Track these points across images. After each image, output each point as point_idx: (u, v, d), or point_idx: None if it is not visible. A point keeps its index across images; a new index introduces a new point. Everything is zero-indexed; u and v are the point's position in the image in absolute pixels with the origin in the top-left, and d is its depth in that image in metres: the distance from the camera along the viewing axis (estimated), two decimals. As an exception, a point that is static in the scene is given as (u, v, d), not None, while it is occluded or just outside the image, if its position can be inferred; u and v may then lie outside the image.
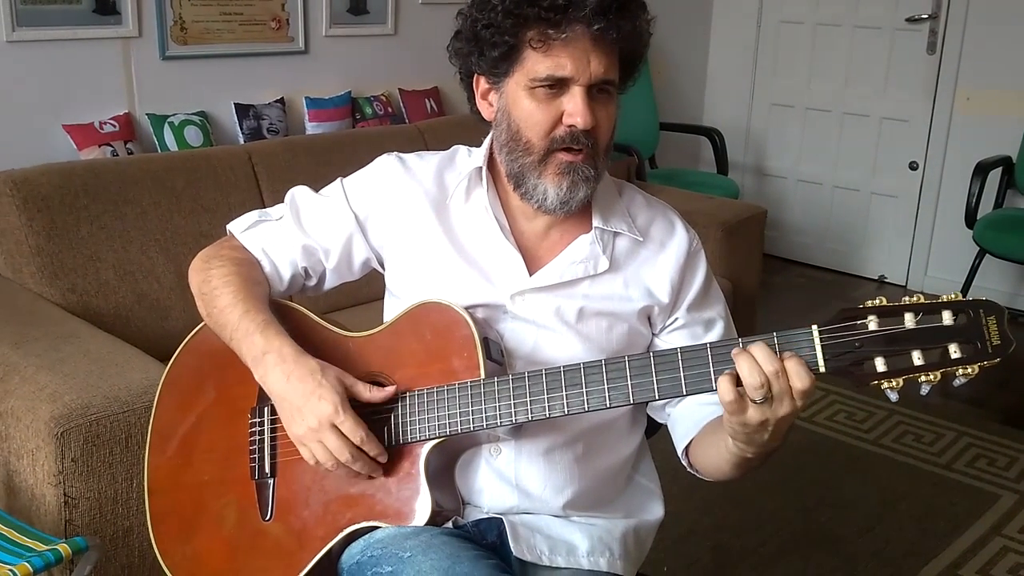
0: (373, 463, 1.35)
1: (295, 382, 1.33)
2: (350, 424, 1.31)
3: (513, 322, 1.45)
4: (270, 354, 1.36)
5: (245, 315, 1.40)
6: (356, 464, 1.33)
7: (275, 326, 1.40)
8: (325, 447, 1.32)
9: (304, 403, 1.32)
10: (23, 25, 2.93)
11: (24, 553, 1.68)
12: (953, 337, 1.12)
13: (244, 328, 1.39)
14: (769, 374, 1.15)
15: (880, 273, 5.21)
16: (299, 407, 1.32)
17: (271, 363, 1.36)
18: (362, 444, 1.32)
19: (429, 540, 1.31)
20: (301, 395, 1.32)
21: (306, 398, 1.32)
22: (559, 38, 1.31)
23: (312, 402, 1.31)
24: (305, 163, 3.10)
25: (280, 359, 1.35)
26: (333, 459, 1.33)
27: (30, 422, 1.94)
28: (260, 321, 1.39)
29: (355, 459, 1.33)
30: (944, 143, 4.84)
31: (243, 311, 1.41)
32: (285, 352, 1.36)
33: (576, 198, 1.39)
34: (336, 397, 1.31)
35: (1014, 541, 2.85)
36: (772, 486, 3.03)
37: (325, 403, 1.31)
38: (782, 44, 5.34)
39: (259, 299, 1.45)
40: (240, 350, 1.40)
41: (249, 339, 1.39)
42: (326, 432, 1.31)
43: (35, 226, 2.54)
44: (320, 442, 1.32)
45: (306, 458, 1.35)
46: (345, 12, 3.76)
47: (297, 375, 1.34)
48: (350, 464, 1.33)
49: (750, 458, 1.28)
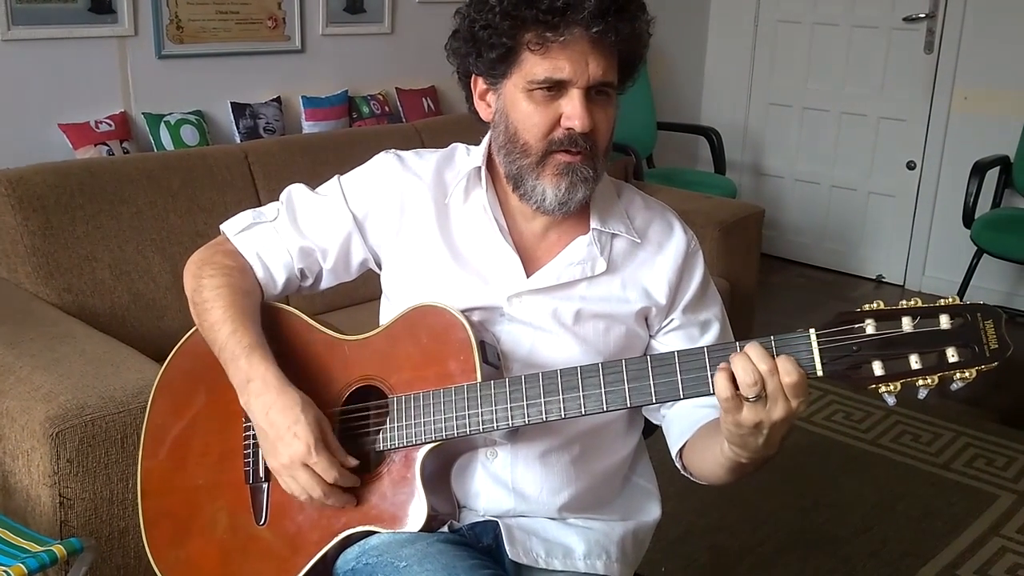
0: (347, 497, 1.35)
1: (274, 415, 1.33)
2: (323, 464, 1.31)
3: (510, 324, 1.44)
4: (254, 382, 1.36)
5: (232, 335, 1.39)
6: (329, 500, 1.34)
7: (261, 350, 1.39)
8: (298, 484, 1.33)
9: (278, 439, 1.32)
10: (18, 23, 2.92)
11: (19, 554, 1.67)
12: (950, 341, 1.12)
13: (231, 350, 1.39)
14: (763, 372, 1.14)
15: (878, 273, 5.21)
16: (274, 442, 1.33)
17: (254, 391, 1.35)
18: (335, 483, 1.33)
19: (425, 549, 1.31)
20: (277, 431, 1.33)
21: (280, 435, 1.32)
22: (557, 40, 1.30)
23: (287, 439, 1.32)
24: (302, 162, 3.09)
25: (264, 388, 1.35)
26: (306, 494, 1.33)
27: (25, 422, 1.93)
28: (246, 344, 1.39)
29: (327, 496, 1.33)
30: (942, 143, 4.83)
31: (231, 331, 1.40)
32: (269, 381, 1.35)
33: (574, 199, 1.38)
34: (311, 437, 1.31)
35: (1012, 541, 2.85)
36: (770, 486, 3.03)
37: (299, 442, 1.31)
38: (779, 43, 5.33)
39: (248, 315, 1.43)
40: (227, 370, 1.40)
41: (235, 363, 1.38)
42: (298, 470, 1.32)
43: (30, 226, 2.53)
44: (292, 478, 1.33)
45: (284, 488, 1.36)
46: (342, 11, 3.75)
47: (277, 407, 1.33)
48: (322, 500, 1.34)
49: (744, 463, 1.27)
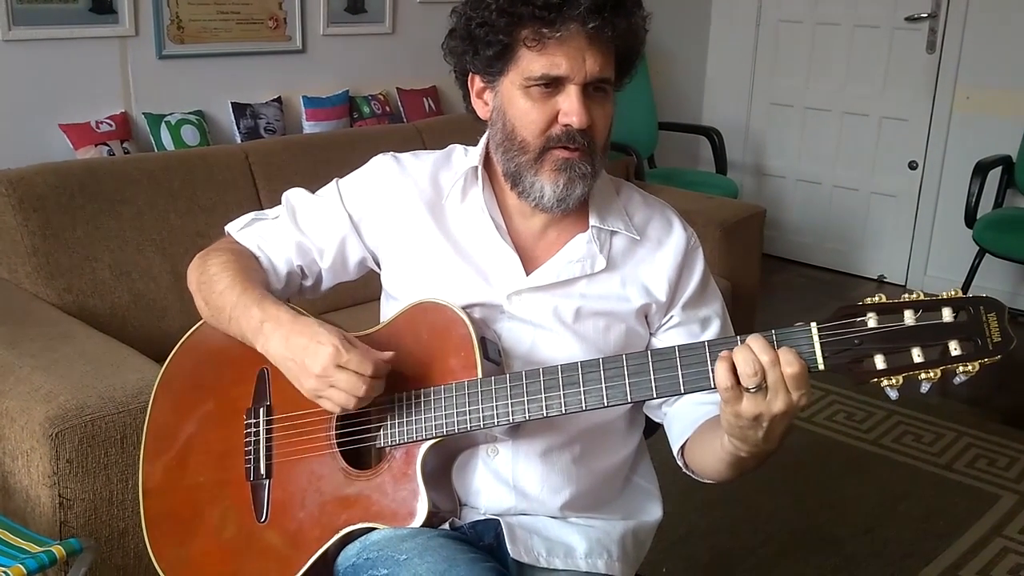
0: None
1: (294, 338, 1.32)
2: (356, 358, 1.28)
3: (510, 322, 1.44)
4: (267, 322, 1.36)
5: (243, 293, 1.40)
6: (376, 389, 1.31)
7: (271, 298, 1.40)
8: (339, 390, 1.29)
9: (305, 354, 1.30)
10: (19, 24, 2.92)
11: (18, 555, 1.67)
12: (953, 334, 1.11)
13: (242, 304, 1.39)
14: (764, 363, 1.14)
15: (879, 273, 5.20)
16: (302, 360, 1.30)
17: (269, 330, 1.35)
18: (375, 373, 1.29)
19: (425, 543, 1.30)
20: (301, 348, 1.31)
21: (306, 349, 1.30)
22: (554, 36, 1.30)
23: (312, 349, 1.29)
24: (302, 162, 3.08)
25: (278, 324, 1.35)
26: (352, 397, 1.29)
27: (25, 423, 1.93)
28: (257, 295, 1.40)
29: (373, 389, 1.30)
30: (944, 142, 4.83)
31: (241, 290, 1.41)
32: (282, 317, 1.35)
33: (573, 195, 1.38)
34: (335, 339, 1.29)
35: (1014, 542, 2.84)
36: (771, 486, 3.02)
37: (324, 347, 1.28)
38: (781, 43, 5.33)
39: (255, 280, 1.45)
40: (240, 327, 1.40)
41: (247, 313, 1.38)
42: (335, 374, 1.28)
43: (31, 226, 2.53)
44: (333, 387, 1.29)
45: (329, 409, 1.33)
46: (343, 11, 3.75)
47: (296, 330, 1.33)
48: (371, 394, 1.30)
49: (745, 458, 1.27)
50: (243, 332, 1.40)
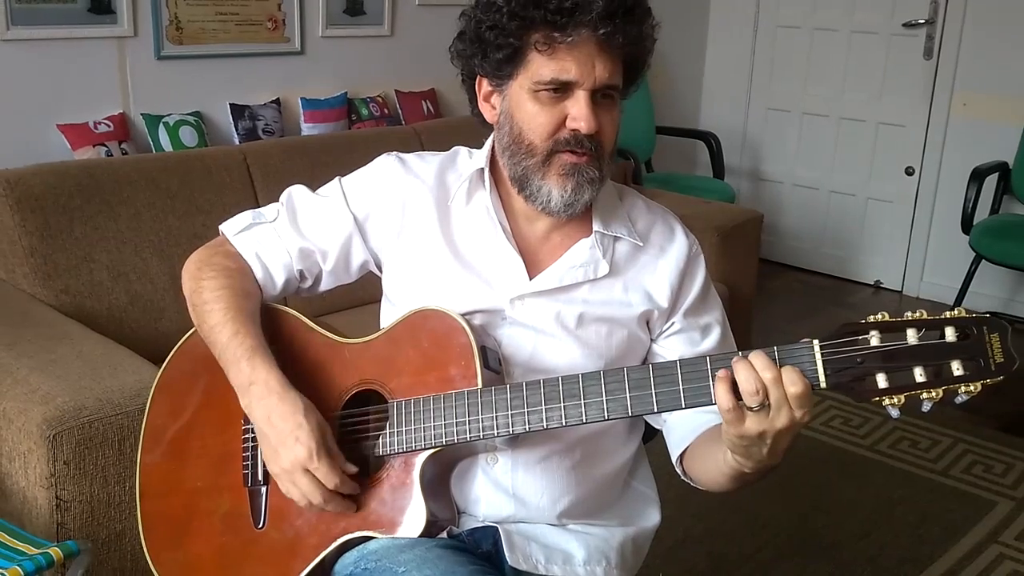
0: (347, 503, 1.34)
1: (276, 419, 1.32)
2: (324, 471, 1.30)
3: (511, 328, 1.43)
4: (256, 385, 1.35)
5: (233, 337, 1.38)
6: (328, 506, 1.33)
7: (263, 353, 1.38)
8: (299, 489, 1.32)
9: (280, 443, 1.31)
10: (17, 24, 2.91)
11: (15, 557, 1.66)
12: (956, 354, 1.11)
13: (232, 353, 1.38)
14: (767, 381, 1.14)
15: (876, 278, 5.20)
16: (275, 446, 1.32)
17: (256, 395, 1.34)
18: (336, 489, 1.32)
19: (424, 554, 1.30)
20: (279, 435, 1.31)
21: (283, 440, 1.31)
22: (565, 42, 1.30)
23: (289, 443, 1.30)
24: (300, 164, 3.08)
25: (266, 392, 1.34)
26: (306, 500, 1.32)
27: (22, 424, 1.92)
28: (248, 347, 1.37)
29: (327, 502, 1.32)
30: (940, 148, 4.84)
31: (232, 332, 1.39)
32: (271, 385, 1.34)
33: (580, 200, 1.38)
34: (312, 443, 1.30)
35: (1011, 548, 2.84)
36: (768, 492, 3.02)
37: (300, 447, 1.30)
38: (779, 49, 5.33)
39: (249, 318, 1.42)
40: (228, 373, 1.39)
41: (236, 366, 1.37)
42: (299, 475, 1.31)
43: (28, 226, 2.52)
44: (293, 483, 1.32)
45: (284, 492, 1.35)
46: (342, 13, 3.74)
47: (279, 412, 1.32)
48: (322, 506, 1.32)
49: (747, 473, 1.27)
50: (229, 377, 1.39)
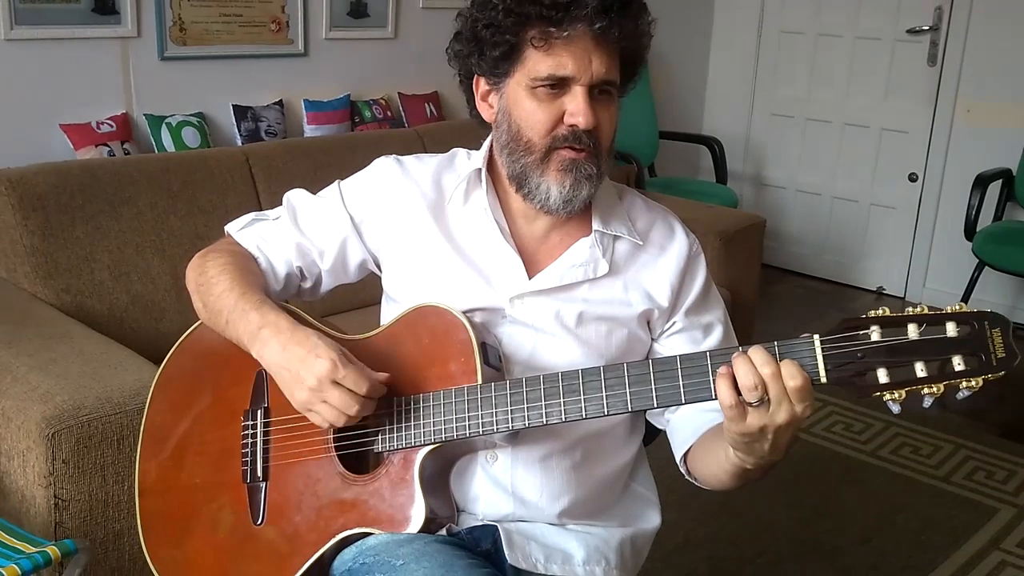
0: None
1: (291, 347, 1.30)
2: (352, 376, 1.27)
3: (511, 326, 1.43)
4: (265, 328, 1.34)
5: (242, 297, 1.39)
6: (368, 409, 1.30)
7: (271, 304, 1.38)
8: (331, 406, 1.28)
9: (301, 365, 1.29)
10: (21, 24, 2.92)
11: (13, 555, 1.66)
12: (957, 349, 1.10)
13: (240, 308, 1.38)
14: (765, 376, 1.13)
15: (878, 285, 5.20)
16: (297, 371, 1.29)
17: (267, 336, 1.33)
18: (370, 393, 1.28)
19: (423, 548, 1.29)
20: (298, 358, 1.29)
21: (303, 360, 1.29)
22: (560, 37, 1.31)
23: (309, 361, 1.28)
24: (303, 166, 3.08)
25: (276, 331, 1.33)
26: (343, 415, 1.28)
27: (21, 422, 1.92)
28: (256, 300, 1.38)
29: (365, 408, 1.29)
30: (944, 155, 4.83)
31: (240, 293, 1.40)
32: (281, 324, 1.34)
33: (579, 196, 1.38)
34: (333, 353, 1.28)
35: (1012, 555, 2.83)
36: (769, 496, 3.01)
37: (322, 360, 1.27)
38: (782, 54, 5.34)
39: (255, 285, 1.43)
40: (236, 331, 1.38)
41: (245, 317, 1.37)
42: (328, 390, 1.27)
43: (30, 225, 2.52)
44: (325, 402, 1.28)
45: (317, 423, 1.32)
46: (345, 15, 3.75)
47: (294, 340, 1.31)
48: (361, 414, 1.29)
49: (749, 469, 1.26)
50: (239, 336, 1.39)
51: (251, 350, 1.37)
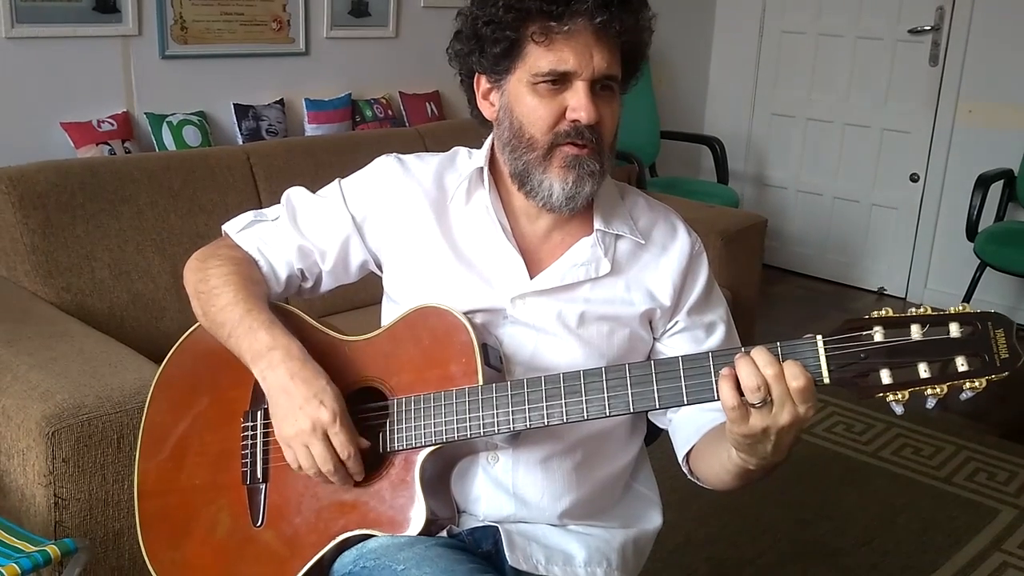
0: (349, 478, 1.33)
1: (300, 382, 1.31)
2: (343, 438, 1.29)
3: (513, 327, 1.43)
4: (277, 351, 1.34)
5: (248, 313, 1.38)
6: (334, 477, 1.32)
7: (280, 326, 1.38)
8: (310, 453, 1.30)
9: (303, 403, 1.29)
10: (22, 22, 2.91)
11: (12, 554, 1.66)
12: (960, 350, 1.10)
13: (247, 325, 1.37)
14: (768, 377, 1.13)
15: (880, 285, 5.19)
16: (299, 406, 1.30)
17: (277, 359, 1.33)
18: (347, 461, 1.31)
19: (424, 552, 1.29)
20: (303, 395, 1.30)
21: (306, 399, 1.29)
22: (561, 31, 1.30)
23: (313, 404, 1.29)
24: (304, 164, 3.08)
25: (287, 356, 1.33)
26: (315, 467, 1.31)
27: (21, 421, 1.92)
28: (265, 320, 1.38)
29: (335, 472, 1.31)
30: (945, 155, 4.82)
31: (245, 309, 1.39)
32: (293, 351, 1.34)
33: (582, 193, 1.37)
34: (337, 407, 1.29)
35: (1014, 556, 2.82)
36: (769, 497, 3.01)
37: (325, 410, 1.29)
38: (784, 54, 5.33)
39: (260, 299, 1.43)
40: (240, 347, 1.38)
41: (252, 335, 1.36)
42: (316, 438, 1.29)
43: (30, 224, 2.52)
44: (307, 447, 1.30)
45: (288, 460, 1.33)
46: (346, 14, 3.75)
47: (303, 375, 1.31)
48: (329, 476, 1.31)
49: (752, 469, 1.26)
50: (241, 352, 1.38)
51: (253, 367, 1.36)
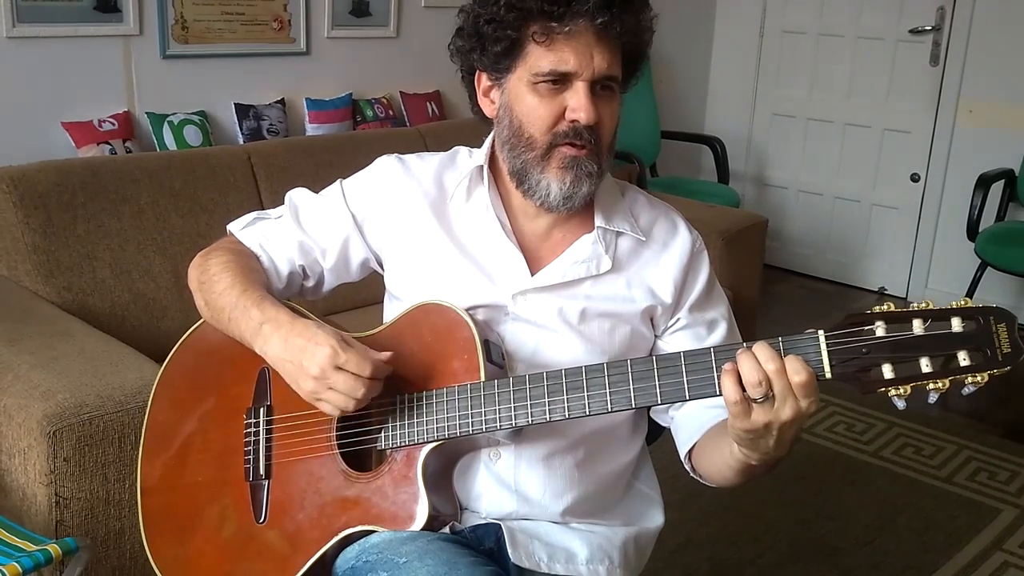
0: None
1: (292, 339, 1.31)
2: (354, 360, 1.27)
3: (514, 323, 1.43)
4: (267, 323, 1.35)
5: (243, 294, 1.39)
6: (374, 392, 1.29)
7: (271, 299, 1.39)
8: (337, 392, 1.28)
9: (303, 355, 1.29)
10: (23, 21, 2.92)
11: (14, 553, 1.66)
12: (962, 344, 1.10)
13: (242, 304, 1.38)
14: (770, 372, 1.13)
15: (880, 285, 5.19)
16: (299, 361, 1.29)
17: (268, 332, 1.34)
18: (374, 374, 1.28)
19: (425, 546, 1.29)
20: (298, 349, 1.30)
21: (303, 350, 1.29)
22: (562, 32, 1.30)
23: (310, 350, 1.28)
24: (304, 164, 3.08)
25: (277, 325, 1.34)
26: (350, 399, 1.28)
27: (22, 420, 1.92)
28: (257, 296, 1.38)
29: (372, 390, 1.29)
30: (946, 155, 4.82)
31: (240, 291, 1.40)
32: (281, 319, 1.34)
33: (579, 193, 1.37)
34: (333, 340, 1.28)
35: (1015, 556, 2.82)
36: (770, 497, 3.01)
37: (322, 347, 1.27)
38: (784, 54, 5.33)
39: (257, 281, 1.44)
40: (239, 328, 1.39)
41: (247, 314, 1.37)
42: (333, 376, 1.27)
43: (32, 223, 2.52)
44: (331, 388, 1.28)
45: (327, 412, 1.31)
46: (347, 14, 3.75)
47: (294, 332, 1.32)
48: (369, 396, 1.29)
49: (754, 465, 1.26)
50: (242, 333, 1.39)
51: (254, 346, 1.37)
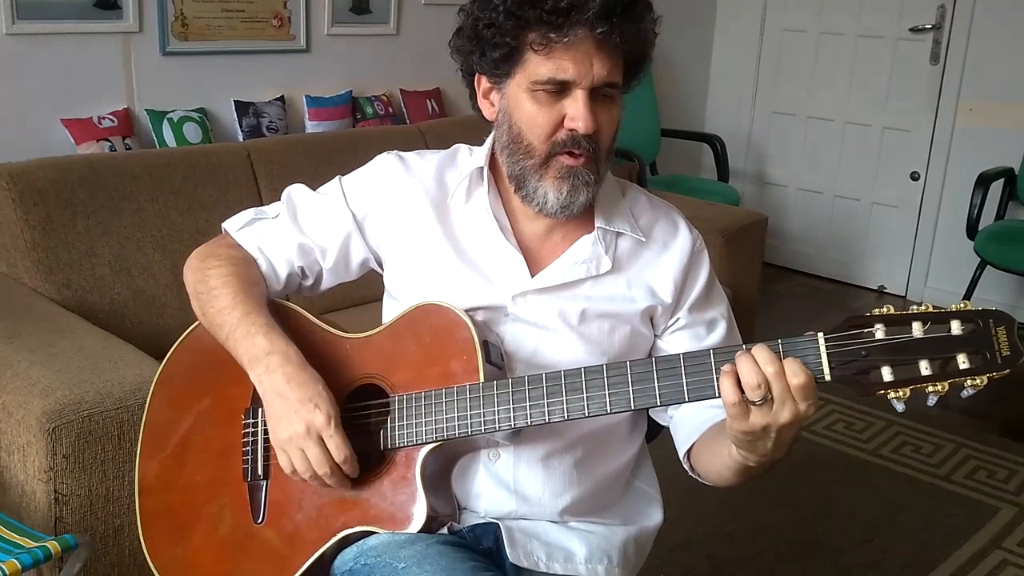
0: (346, 482, 1.33)
1: (295, 386, 1.31)
2: (337, 441, 1.29)
3: (514, 324, 1.43)
4: (275, 355, 1.34)
5: (246, 317, 1.38)
6: (330, 480, 1.32)
7: (279, 330, 1.38)
8: (305, 456, 1.30)
9: (299, 406, 1.30)
10: (23, 18, 2.91)
11: (13, 550, 1.66)
12: (962, 347, 1.10)
13: (245, 329, 1.37)
14: (769, 374, 1.12)
15: (880, 283, 5.19)
16: (294, 410, 1.30)
17: (275, 364, 1.33)
18: (343, 464, 1.31)
19: (425, 550, 1.29)
20: (298, 399, 1.30)
21: (302, 403, 1.30)
22: (561, 41, 1.29)
23: (307, 408, 1.29)
24: (304, 162, 3.08)
25: (285, 361, 1.33)
26: (311, 471, 1.31)
27: (22, 417, 1.92)
28: (263, 324, 1.38)
29: (331, 475, 1.31)
30: (946, 154, 4.82)
31: (243, 313, 1.39)
32: (291, 356, 1.34)
33: (577, 202, 1.37)
34: (332, 410, 1.30)
35: (1013, 554, 2.83)
36: (769, 495, 3.01)
37: (320, 413, 1.29)
38: (785, 52, 5.33)
39: (259, 301, 1.43)
40: (237, 350, 1.38)
41: (250, 339, 1.36)
42: (311, 442, 1.30)
43: (31, 220, 2.52)
44: (302, 450, 1.30)
45: (282, 465, 1.33)
46: (347, 11, 3.74)
47: (299, 380, 1.32)
48: (325, 479, 1.31)
49: (752, 466, 1.26)
50: (239, 355, 1.38)
51: (249, 371, 1.36)
